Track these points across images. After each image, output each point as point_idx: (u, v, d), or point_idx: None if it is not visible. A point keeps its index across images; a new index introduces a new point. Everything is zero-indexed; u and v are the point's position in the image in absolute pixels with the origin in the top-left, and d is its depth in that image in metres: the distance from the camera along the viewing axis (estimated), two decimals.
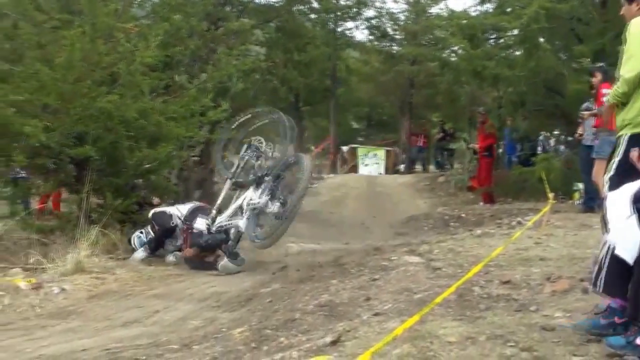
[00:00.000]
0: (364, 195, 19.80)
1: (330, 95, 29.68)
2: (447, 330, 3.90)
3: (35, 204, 11.13)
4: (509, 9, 17.65)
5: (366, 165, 27.42)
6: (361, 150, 28.35)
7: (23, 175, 10.60)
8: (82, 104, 8.69)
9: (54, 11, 9.33)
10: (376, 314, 4.51)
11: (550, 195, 8.39)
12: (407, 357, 3.52)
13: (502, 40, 18.78)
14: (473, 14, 19.84)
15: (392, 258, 6.60)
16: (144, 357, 4.39)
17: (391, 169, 27.73)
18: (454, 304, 4.53)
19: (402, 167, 28.44)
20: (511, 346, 3.58)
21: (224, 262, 8.00)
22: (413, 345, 3.66)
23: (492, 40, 18.99)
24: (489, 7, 19.97)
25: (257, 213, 8.32)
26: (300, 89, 28.79)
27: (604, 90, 8.82)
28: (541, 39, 16.12)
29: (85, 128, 8.93)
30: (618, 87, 4.68)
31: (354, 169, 27.25)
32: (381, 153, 28.05)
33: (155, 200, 10.36)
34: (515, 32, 17.25)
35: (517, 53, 18.17)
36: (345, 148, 29.29)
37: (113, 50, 9.11)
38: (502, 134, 19.40)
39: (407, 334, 3.81)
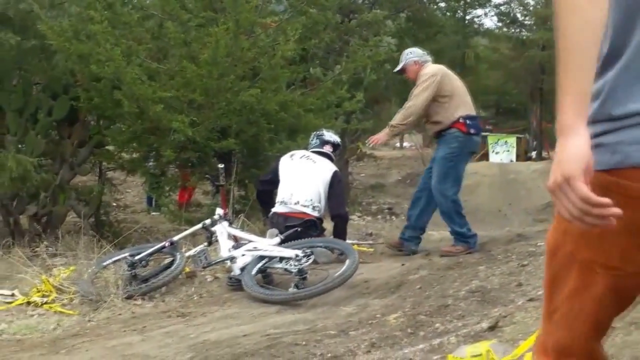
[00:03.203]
0: (497, 183, 19.39)
1: None
2: None
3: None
4: None
5: (497, 153, 26.81)
6: (491, 138, 27.72)
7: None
8: (226, 98, 9.02)
9: (197, 9, 9.69)
10: (531, 300, 4.44)
11: None
12: None
13: None
14: None
15: (539, 244, 6.45)
16: (303, 342, 4.50)
17: (523, 156, 27.06)
18: None
19: (533, 154, 27.74)
20: None
21: None
22: None
23: None
24: None
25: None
26: None
27: None
28: None
29: (229, 122, 9.28)
30: None
31: (484, 157, 26.76)
32: (512, 140, 27.37)
33: None
34: None
35: None
36: None
37: (254, 46, 9.39)
38: None
39: None
